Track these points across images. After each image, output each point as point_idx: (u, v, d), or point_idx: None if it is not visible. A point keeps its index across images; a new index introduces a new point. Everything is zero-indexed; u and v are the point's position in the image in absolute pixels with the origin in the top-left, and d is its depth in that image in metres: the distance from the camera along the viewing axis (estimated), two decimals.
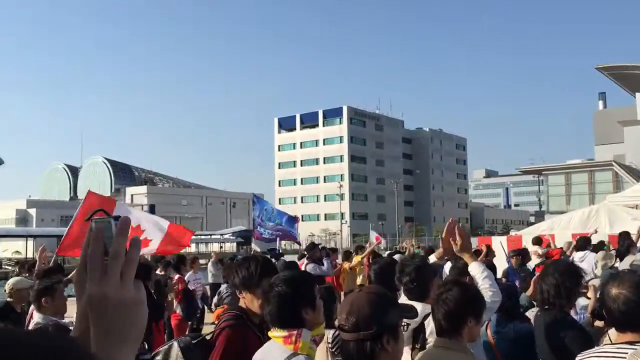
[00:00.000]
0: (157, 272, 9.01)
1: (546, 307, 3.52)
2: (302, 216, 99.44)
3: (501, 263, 11.89)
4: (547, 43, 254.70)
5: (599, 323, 4.11)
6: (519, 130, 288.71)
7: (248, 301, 2.93)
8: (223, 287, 7.64)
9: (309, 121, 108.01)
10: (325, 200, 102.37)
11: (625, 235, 8.86)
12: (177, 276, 8.76)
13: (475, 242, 21.02)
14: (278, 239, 15.40)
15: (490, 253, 11.08)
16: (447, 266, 7.79)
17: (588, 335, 3.61)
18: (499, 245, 13.13)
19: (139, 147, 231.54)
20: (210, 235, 74.39)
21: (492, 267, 10.36)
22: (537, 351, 3.65)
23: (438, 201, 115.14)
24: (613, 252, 8.99)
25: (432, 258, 4.05)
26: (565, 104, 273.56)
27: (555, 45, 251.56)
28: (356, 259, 11.05)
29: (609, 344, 2.53)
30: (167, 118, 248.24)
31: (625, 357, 2.32)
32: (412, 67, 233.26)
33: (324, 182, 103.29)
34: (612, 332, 2.75)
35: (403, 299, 3.48)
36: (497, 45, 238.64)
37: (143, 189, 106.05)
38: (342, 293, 10.25)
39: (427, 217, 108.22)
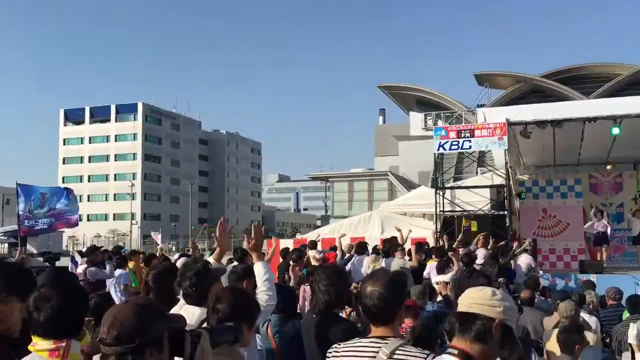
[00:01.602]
0: None
1: (318, 311, 3.68)
2: (89, 216, 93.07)
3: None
4: (340, 59, 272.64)
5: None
6: (311, 139, 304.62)
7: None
8: None
9: (100, 115, 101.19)
10: (115, 199, 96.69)
11: (389, 240, 9.97)
12: None
13: (265, 244, 21.73)
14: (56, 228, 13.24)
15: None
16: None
17: (357, 329, 3.92)
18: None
19: None
20: None
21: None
22: (307, 353, 3.84)
23: (232, 204, 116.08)
24: (381, 255, 10.05)
25: (211, 259, 4.03)
26: (354, 117, 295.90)
27: (348, 62, 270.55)
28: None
29: (364, 338, 2.68)
30: None
31: (375, 350, 2.58)
32: (212, 68, 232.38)
33: (115, 180, 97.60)
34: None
35: (182, 304, 3.45)
36: (290, 57, 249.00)
37: None
38: None
39: None
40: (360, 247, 10.69)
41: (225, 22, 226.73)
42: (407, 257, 10.29)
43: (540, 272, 14.24)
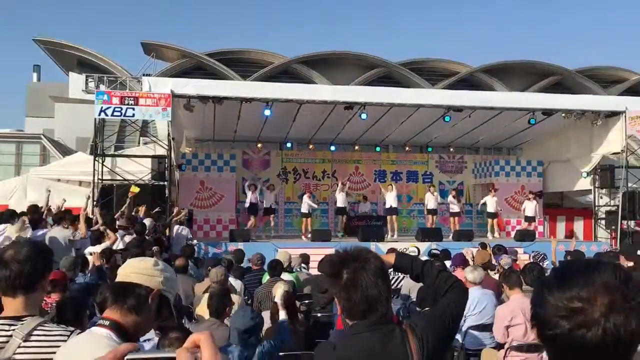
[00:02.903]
0: None
1: None
2: None
3: None
4: None
5: None
6: None
7: None
8: None
9: None
10: None
11: (34, 208, 9.17)
12: None
13: None
14: None
15: None
16: None
17: None
18: None
19: None
20: None
21: None
22: None
23: None
24: (28, 224, 9.11)
25: None
26: (1, 72, 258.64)
27: None
28: None
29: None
30: None
31: (8, 334, 2.17)
32: None
33: None
34: None
35: None
36: None
37: None
38: None
39: None
40: (7, 216, 9.51)
41: None
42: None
43: (195, 240, 14.96)
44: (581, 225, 19.87)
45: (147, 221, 10.86)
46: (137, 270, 2.09)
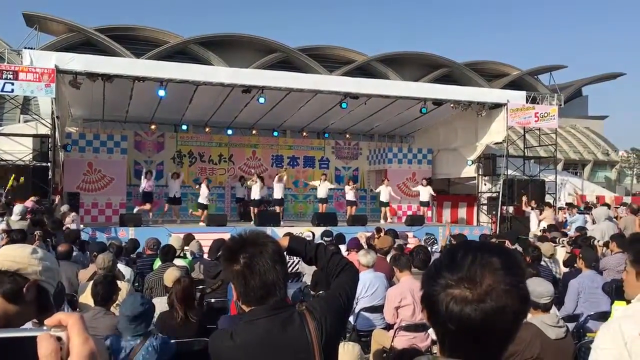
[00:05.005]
0: None
1: None
2: None
3: None
4: None
5: None
6: None
7: None
8: None
9: None
10: None
11: None
12: None
13: None
14: None
15: None
16: None
17: None
18: None
19: None
20: None
21: None
22: None
23: None
24: None
25: None
26: None
27: None
28: None
29: None
30: None
31: None
32: None
33: None
34: None
35: None
36: None
37: None
38: None
39: None
40: None
41: None
42: None
43: (81, 225, 14.20)
44: (465, 211, 21.04)
45: (19, 207, 10.02)
46: (11, 258, 1.90)
